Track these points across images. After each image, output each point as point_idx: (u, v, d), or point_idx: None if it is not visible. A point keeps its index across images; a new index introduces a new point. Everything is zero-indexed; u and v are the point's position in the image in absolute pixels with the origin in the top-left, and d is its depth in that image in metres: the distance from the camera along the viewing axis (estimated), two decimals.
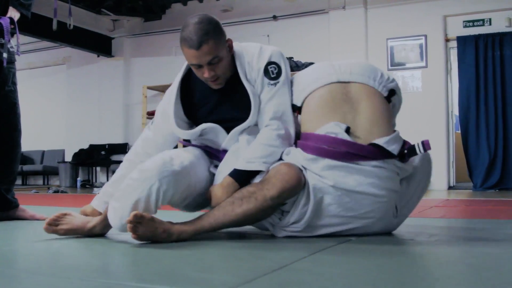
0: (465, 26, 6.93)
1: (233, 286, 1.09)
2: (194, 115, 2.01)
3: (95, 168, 9.22)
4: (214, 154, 1.99)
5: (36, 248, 1.67)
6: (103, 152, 8.85)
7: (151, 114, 8.31)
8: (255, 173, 1.81)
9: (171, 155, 1.82)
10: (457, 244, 1.80)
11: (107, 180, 8.90)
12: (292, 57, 7.05)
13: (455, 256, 1.55)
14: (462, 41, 6.85)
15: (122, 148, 8.85)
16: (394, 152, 1.74)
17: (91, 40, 8.69)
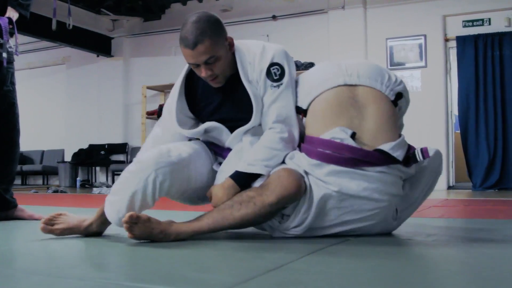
0: (464, 26, 6.93)
1: (230, 286, 1.09)
2: (198, 112, 2.00)
3: (94, 168, 9.22)
4: (219, 151, 1.99)
5: (34, 247, 1.67)
6: (102, 152, 8.85)
7: (150, 114, 8.31)
8: (256, 175, 1.80)
9: (169, 148, 1.83)
10: (454, 244, 1.80)
11: (107, 180, 8.91)
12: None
13: (452, 256, 1.55)
14: (461, 41, 6.85)
15: (121, 148, 8.85)
16: (399, 158, 1.72)
17: (90, 40, 8.69)
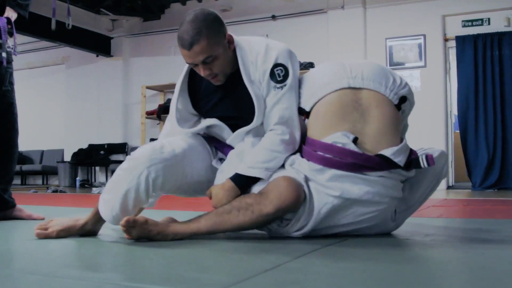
0: (464, 26, 6.93)
1: (227, 286, 1.09)
2: (200, 108, 2.00)
3: (94, 168, 9.22)
4: (220, 147, 1.98)
5: (32, 247, 1.67)
6: (102, 152, 8.86)
7: (150, 114, 8.31)
8: (257, 178, 1.80)
9: (162, 143, 1.84)
10: (452, 244, 1.80)
11: (106, 180, 8.91)
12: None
13: (449, 256, 1.55)
14: (461, 41, 6.85)
15: (121, 148, 8.85)
16: (400, 164, 1.71)
17: (90, 40, 8.69)
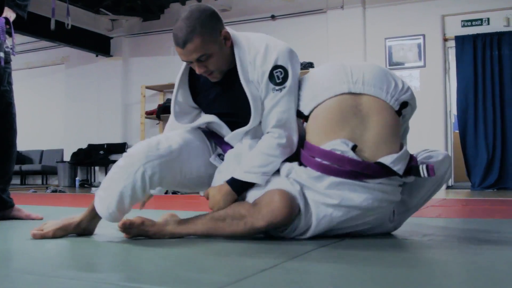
0: (463, 26, 6.93)
1: (223, 286, 1.09)
2: (200, 102, 1.98)
3: (93, 167, 9.22)
4: (218, 143, 1.97)
5: (29, 247, 1.67)
6: (101, 152, 8.85)
7: (149, 114, 8.31)
8: (253, 183, 1.79)
9: (159, 139, 1.84)
10: (449, 244, 1.80)
11: None
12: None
13: (446, 257, 1.55)
14: (460, 41, 6.85)
15: (120, 147, 8.84)
16: (399, 172, 1.70)
17: (89, 40, 8.68)
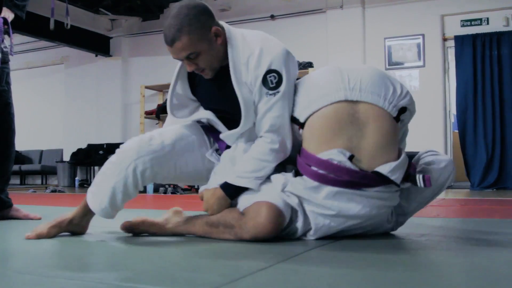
0: (462, 26, 6.93)
1: (218, 286, 1.09)
2: (198, 95, 1.98)
3: (93, 167, 9.21)
4: (215, 138, 1.96)
5: (27, 247, 1.67)
6: (101, 152, 8.85)
7: (149, 114, 8.30)
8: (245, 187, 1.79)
9: (151, 135, 1.86)
10: (446, 244, 1.80)
11: None
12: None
13: (442, 257, 1.55)
14: (459, 41, 6.85)
15: None
16: (397, 181, 1.68)
17: (89, 40, 8.68)
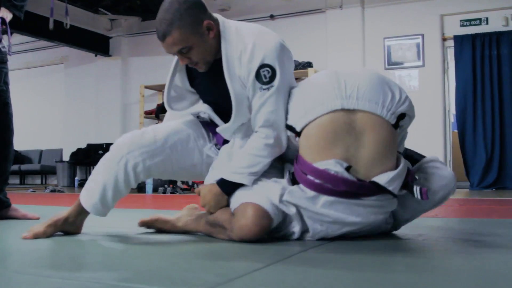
0: (462, 25, 6.93)
1: (214, 286, 1.09)
2: (196, 88, 1.97)
3: (92, 167, 9.21)
4: (212, 132, 1.96)
5: (23, 247, 1.68)
6: (100, 152, 8.84)
7: (148, 114, 8.31)
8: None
9: (145, 130, 1.87)
10: (444, 244, 1.80)
11: None
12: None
13: (439, 257, 1.56)
14: (459, 40, 6.85)
15: None
16: (394, 191, 1.67)
17: (88, 40, 8.68)
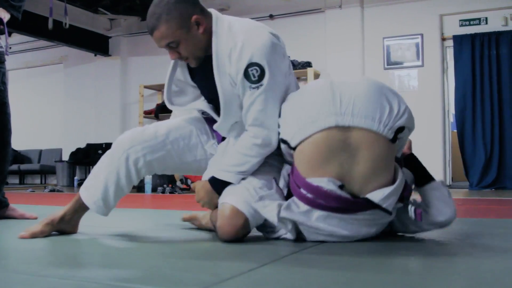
0: (461, 25, 6.93)
1: (208, 285, 1.09)
2: (196, 83, 1.97)
3: (92, 167, 9.19)
4: (211, 129, 1.96)
5: (19, 247, 1.68)
6: (100, 151, 8.84)
7: (148, 113, 8.30)
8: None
9: (146, 126, 1.90)
10: (442, 244, 1.80)
11: None
12: (289, 56, 7.03)
13: (437, 258, 1.55)
14: (458, 40, 6.84)
15: None
16: (389, 208, 1.63)
17: (88, 39, 8.68)
